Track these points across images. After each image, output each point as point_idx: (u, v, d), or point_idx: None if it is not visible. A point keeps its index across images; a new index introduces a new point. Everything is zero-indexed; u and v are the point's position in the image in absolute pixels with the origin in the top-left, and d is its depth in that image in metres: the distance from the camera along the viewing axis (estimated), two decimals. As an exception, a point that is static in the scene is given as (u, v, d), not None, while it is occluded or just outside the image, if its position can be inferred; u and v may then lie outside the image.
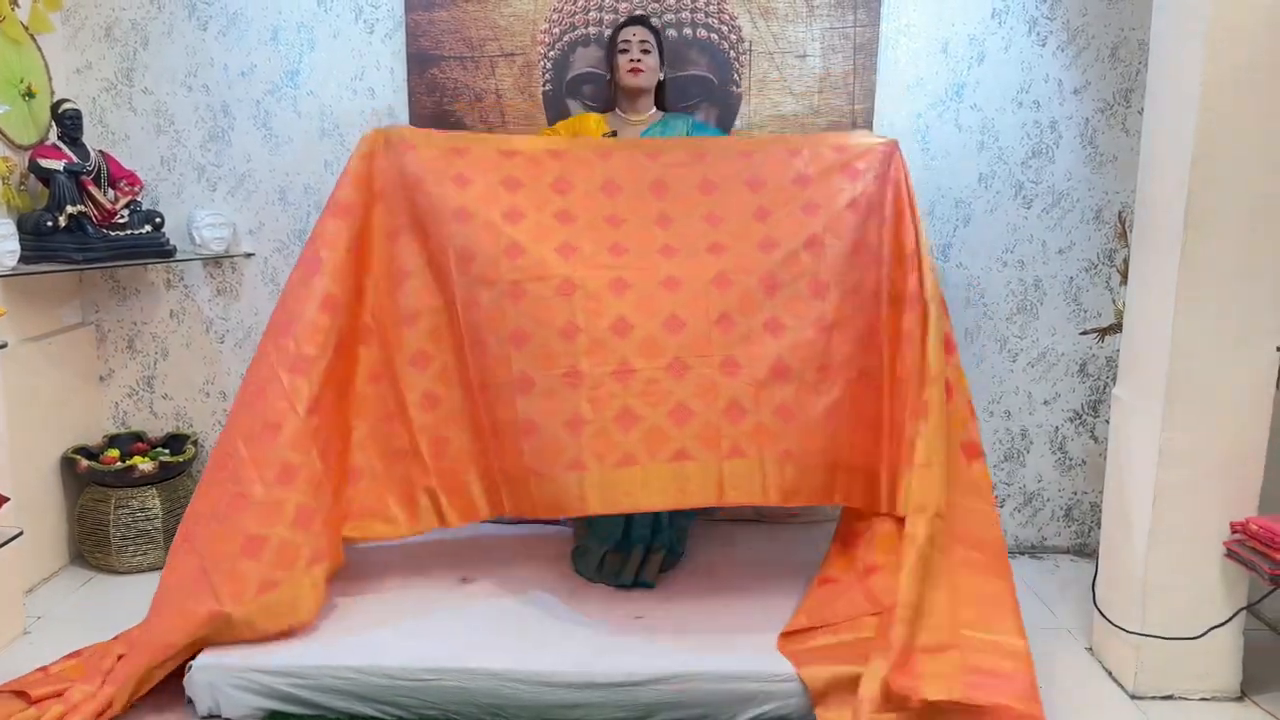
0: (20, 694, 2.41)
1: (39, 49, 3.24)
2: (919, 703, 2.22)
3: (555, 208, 2.75)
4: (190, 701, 2.43)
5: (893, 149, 2.83)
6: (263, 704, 2.40)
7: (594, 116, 3.14)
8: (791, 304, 2.66)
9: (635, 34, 3.08)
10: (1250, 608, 2.60)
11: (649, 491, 2.50)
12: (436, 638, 2.54)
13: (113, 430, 3.61)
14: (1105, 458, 2.85)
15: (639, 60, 3.05)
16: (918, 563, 2.46)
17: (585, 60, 3.36)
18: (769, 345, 2.61)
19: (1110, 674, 2.74)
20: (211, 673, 2.40)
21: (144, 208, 3.34)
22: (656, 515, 2.96)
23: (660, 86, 3.19)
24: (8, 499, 2.68)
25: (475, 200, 2.71)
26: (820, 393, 2.62)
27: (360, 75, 3.42)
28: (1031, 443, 3.60)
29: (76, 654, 2.61)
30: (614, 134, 3.10)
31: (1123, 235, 3.29)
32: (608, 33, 3.28)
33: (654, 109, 3.18)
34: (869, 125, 3.37)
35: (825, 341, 2.64)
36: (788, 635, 2.54)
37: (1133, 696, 2.63)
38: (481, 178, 2.75)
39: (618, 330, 2.59)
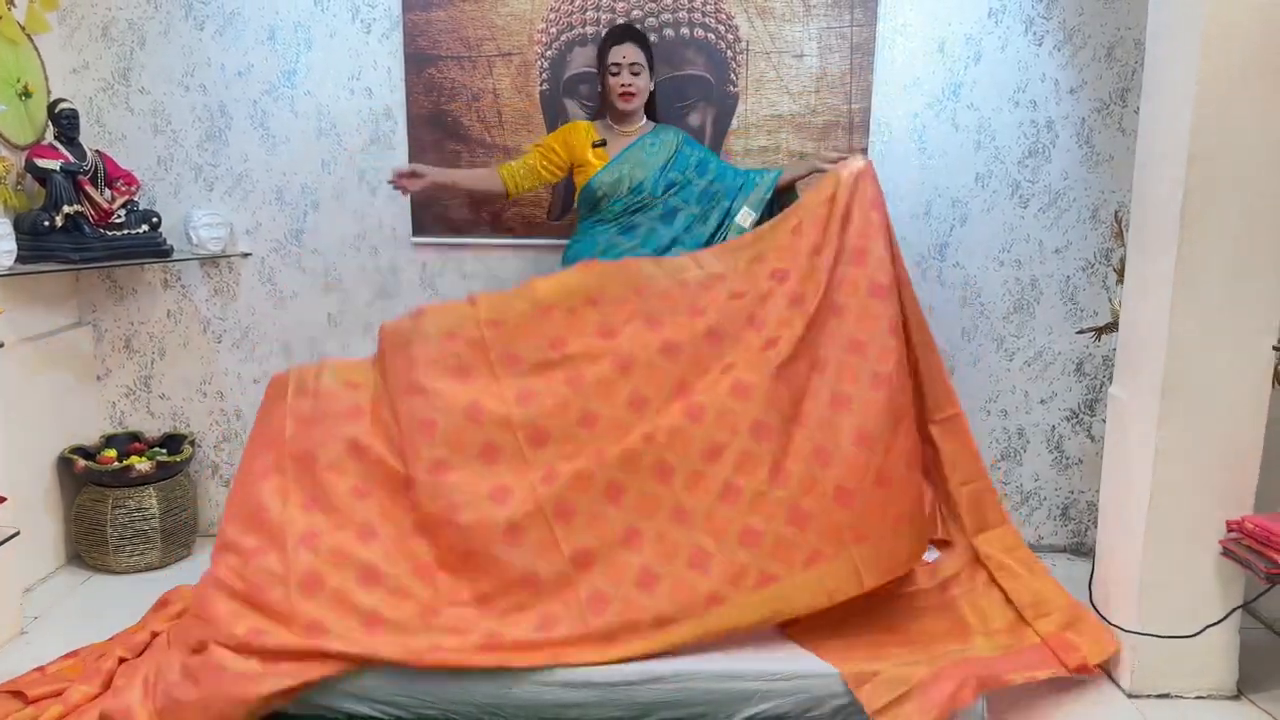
0: (17, 694, 2.41)
1: (35, 49, 3.24)
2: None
3: (611, 361, 2.67)
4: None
5: (871, 170, 2.81)
6: (261, 704, 2.39)
7: (583, 125, 3.15)
8: (841, 374, 2.64)
9: (625, 55, 3.04)
10: (1246, 606, 2.60)
11: (794, 603, 2.47)
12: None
13: (110, 430, 3.61)
14: (1102, 456, 2.86)
15: (629, 84, 3.04)
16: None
17: (582, 60, 3.36)
18: (843, 420, 2.59)
19: (1106, 672, 2.75)
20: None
21: (141, 207, 3.34)
22: None
23: (650, 96, 3.16)
24: (4, 499, 2.68)
25: (532, 380, 2.66)
26: (899, 447, 2.61)
27: (358, 75, 3.42)
28: (1028, 442, 3.60)
29: (74, 654, 2.61)
30: (603, 143, 3.09)
31: (1119, 234, 3.30)
32: (604, 34, 3.28)
33: (643, 119, 3.17)
34: (865, 125, 3.38)
35: (887, 394, 2.61)
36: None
37: (1129, 695, 2.63)
38: (530, 356, 2.68)
39: (709, 457, 2.56)
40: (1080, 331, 3.47)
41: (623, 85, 3.05)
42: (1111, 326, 3.18)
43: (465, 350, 2.67)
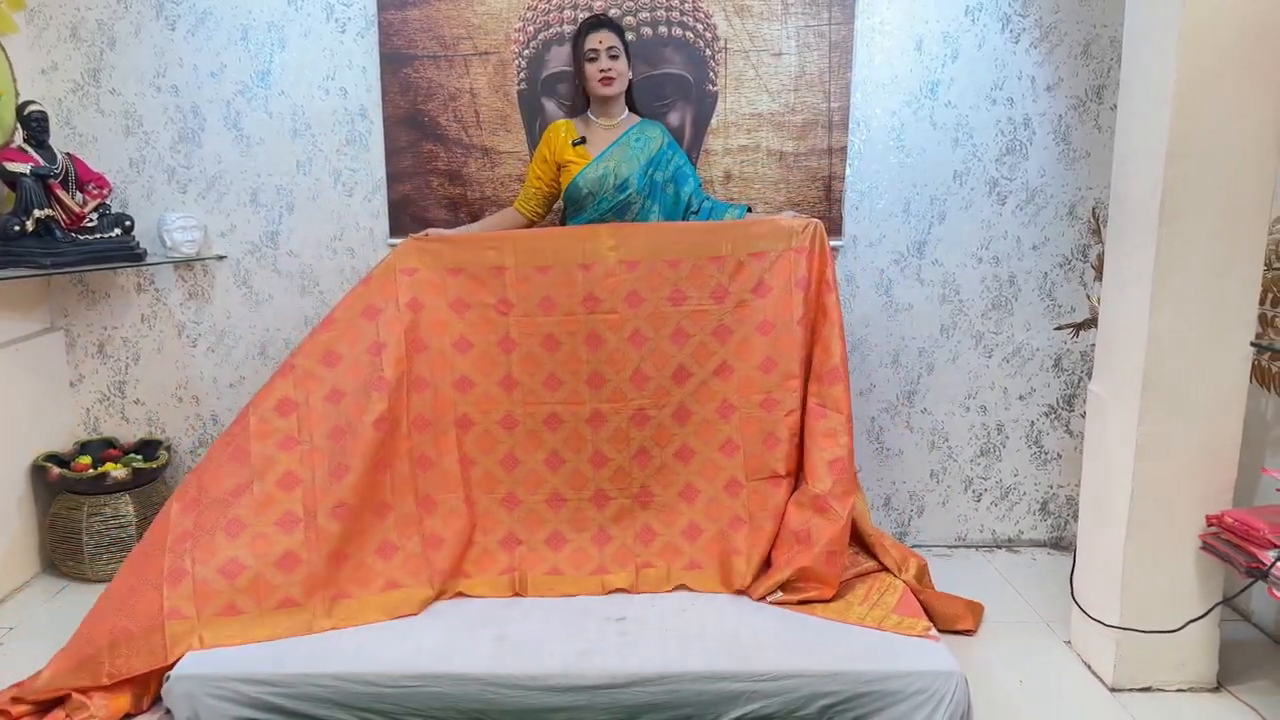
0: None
1: (3, 49, 3.18)
2: None
3: (544, 333, 2.96)
4: (169, 712, 2.40)
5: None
6: (242, 713, 2.36)
7: (562, 124, 3.14)
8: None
9: (602, 40, 3.04)
10: (1228, 601, 2.62)
11: (579, 589, 2.85)
12: (418, 643, 2.52)
13: (84, 437, 3.56)
14: (1080, 451, 2.88)
15: (609, 69, 3.04)
16: None
17: (560, 59, 3.34)
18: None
19: (1089, 666, 2.77)
20: (190, 682, 2.37)
21: (113, 211, 3.30)
22: None
23: (630, 87, 3.17)
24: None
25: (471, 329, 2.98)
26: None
27: (332, 75, 3.39)
28: (1007, 437, 3.62)
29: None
30: (583, 140, 3.08)
31: (1096, 231, 3.32)
32: (587, 26, 3.26)
33: (626, 112, 3.17)
34: (844, 123, 3.38)
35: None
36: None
37: (1112, 689, 2.66)
38: (477, 303, 2.98)
39: (551, 463, 2.98)
40: (1058, 328, 3.49)
41: (601, 70, 3.04)
42: (1089, 322, 3.20)
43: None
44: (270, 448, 2.75)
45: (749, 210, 3.13)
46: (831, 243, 3.38)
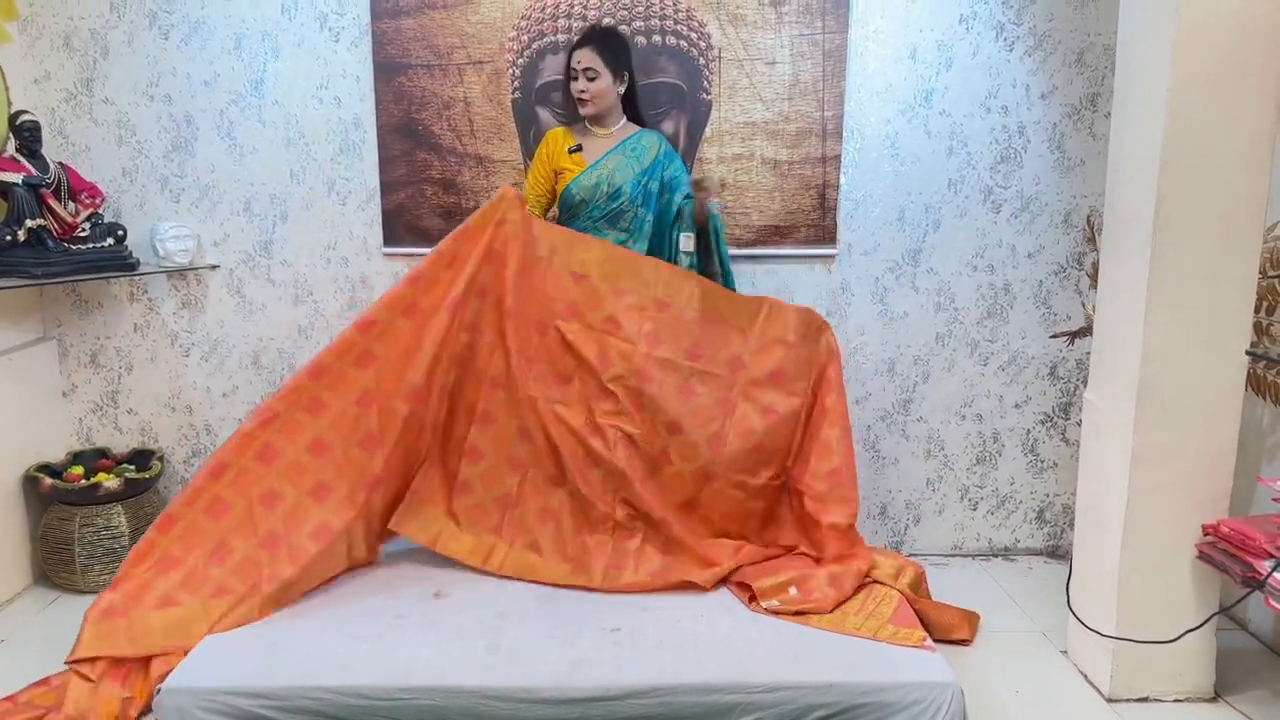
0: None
1: (-5, 59, 3.18)
2: None
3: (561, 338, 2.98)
4: (159, 725, 2.39)
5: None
6: (234, 727, 2.35)
7: (559, 132, 3.16)
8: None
9: (580, 60, 3.04)
10: (1225, 611, 2.61)
11: (547, 574, 2.89)
12: (411, 655, 2.50)
13: (76, 447, 3.55)
14: (1076, 460, 2.87)
15: (584, 90, 3.05)
16: None
17: (554, 68, 3.34)
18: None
19: (1085, 677, 2.76)
20: (180, 696, 2.35)
21: (106, 220, 3.28)
22: None
23: (631, 96, 3.17)
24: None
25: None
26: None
27: (326, 84, 3.38)
28: (1003, 446, 3.62)
29: (44, 682, 2.56)
30: (579, 147, 3.08)
31: (1091, 239, 3.32)
32: (576, 40, 3.26)
33: (622, 121, 3.16)
34: (838, 132, 3.37)
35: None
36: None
37: (1108, 699, 2.64)
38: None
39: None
40: (1054, 336, 3.48)
41: (578, 91, 3.07)
42: (1085, 331, 3.20)
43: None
44: (300, 452, 2.79)
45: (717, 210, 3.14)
46: (826, 251, 3.46)
